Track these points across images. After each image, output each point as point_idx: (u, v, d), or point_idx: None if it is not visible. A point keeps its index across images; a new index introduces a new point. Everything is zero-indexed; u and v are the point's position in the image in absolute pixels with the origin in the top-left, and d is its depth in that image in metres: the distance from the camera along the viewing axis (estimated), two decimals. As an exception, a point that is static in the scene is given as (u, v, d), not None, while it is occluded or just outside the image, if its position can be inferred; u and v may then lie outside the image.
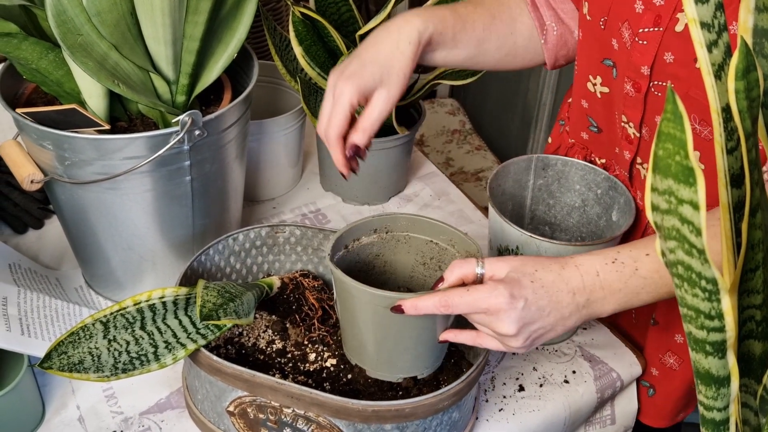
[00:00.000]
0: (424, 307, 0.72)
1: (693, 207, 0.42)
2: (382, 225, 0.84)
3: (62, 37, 0.80)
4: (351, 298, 0.76)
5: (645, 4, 0.84)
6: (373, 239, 0.85)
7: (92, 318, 0.83)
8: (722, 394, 0.51)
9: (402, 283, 0.89)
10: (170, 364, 0.80)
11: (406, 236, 0.85)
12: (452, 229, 0.83)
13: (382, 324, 0.76)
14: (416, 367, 0.81)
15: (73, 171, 0.89)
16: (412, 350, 0.79)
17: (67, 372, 0.79)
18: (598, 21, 0.91)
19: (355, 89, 0.82)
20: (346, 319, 0.80)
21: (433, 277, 0.87)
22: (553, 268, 0.74)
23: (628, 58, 0.88)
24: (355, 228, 0.82)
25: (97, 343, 0.82)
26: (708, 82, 0.48)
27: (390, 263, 0.87)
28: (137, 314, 0.84)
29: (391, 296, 0.73)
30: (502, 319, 0.71)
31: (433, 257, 0.86)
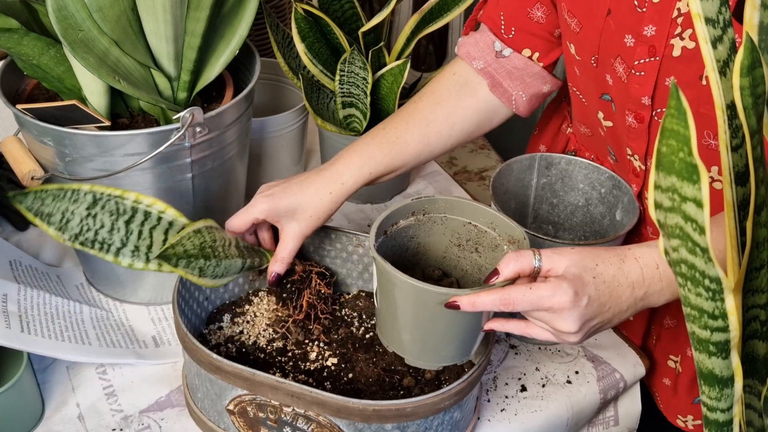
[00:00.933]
0: (482, 304, 0.70)
1: (696, 204, 0.41)
2: (420, 207, 0.83)
3: (63, 33, 0.80)
4: (397, 290, 0.74)
5: (635, 36, 0.82)
6: (411, 222, 0.83)
7: (89, 187, 0.82)
8: (726, 395, 0.50)
9: (433, 264, 0.87)
10: (123, 265, 0.79)
11: (443, 218, 0.84)
12: (494, 211, 0.81)
13: (431, 317, 0.74)
14: (459, 355, 0.79)
15: (74, 167, 0.89)
16: (458, 340, 0.77)
17: (32, 215, 0.80)
18: (588, 60, 0.89)
19: (266, 209, 0.87)
20: (389, 310, 0.77)
21: (468, 258, 0.85)
22: (613, 261, 0.72)
23: (625, 91, 0.86)
24: (394, 213, 0.81)
25: (76, 210, 0.81)
26: (713, 78, 0.48)
27: (423, 245, 0.86)
28: (130, 210, 0.82)
29: (447, 293, 0.71)
30: (564, 317, 0.69)
31: (470, 239, 0.84)
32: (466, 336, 0.77)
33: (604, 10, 0.84)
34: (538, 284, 0.70)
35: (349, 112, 1.17)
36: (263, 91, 1.29)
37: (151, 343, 0.98)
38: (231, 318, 0.93)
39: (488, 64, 0.97)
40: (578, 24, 0.88)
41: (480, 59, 0.97)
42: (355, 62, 1.11)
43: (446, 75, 0.99)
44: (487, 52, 0.98)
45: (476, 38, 0.98)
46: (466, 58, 0.98)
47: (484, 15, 1.00)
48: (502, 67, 0.97)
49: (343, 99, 1.16)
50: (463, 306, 0.70)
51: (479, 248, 0.84)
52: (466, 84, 0.98)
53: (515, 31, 0.96)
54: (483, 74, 0.97)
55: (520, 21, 0.96)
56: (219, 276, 0.83)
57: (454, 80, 0.98)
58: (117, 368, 0.94)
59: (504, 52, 0.97)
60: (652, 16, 0.80)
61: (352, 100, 1.15)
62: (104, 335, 0.96)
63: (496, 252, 0.82)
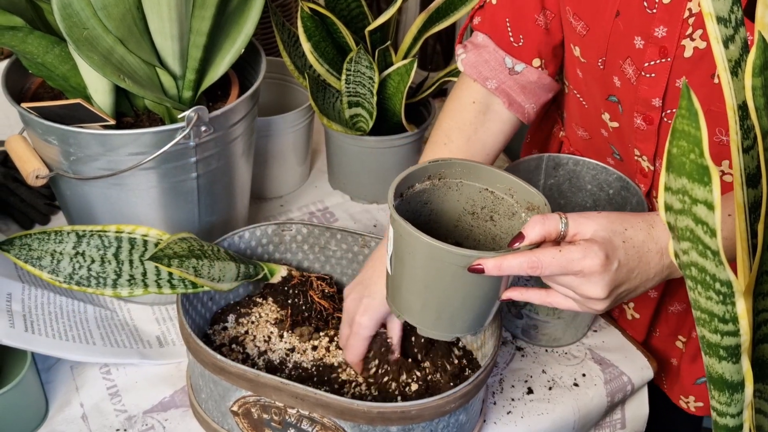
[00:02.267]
0: (509, 268, 0.66)
1: (707, 207, 0.41)
2: (436, 171, 0.79)
3: (68, 31, 0.79)
4: (416, 253, 0.70)
5: (645, 38, 0.81)
6: (426, 186, 0.79)
7: (70, 227, 0.84)
8: (736, 400, 0.50)
9: (445, 232, 0.83)
10: (124, 296, 0.81)
11: (459, 183, 0.80)
12: (513, 177, 0.77)
13: (451, 282, 0.71)
14: (474, 326, 0.76)
15: (79, 166, 0.88)
16: (476, 309, 0.74)
17: (23, 262, 0.81)
18: (595, 62, 0.88)
19: (372, 323, 0.84)
20: (406, 274, 0.74)
21: (482, 227, 0.82)
22: (642, 226, 0.70)
23: (634, 93, 0.85)
24: (410, 175, 0.77)
25: (64, 250, 0.83)
26: (724, 78, 0.47)
27: (436, 212, 0.82)
28: (115, 241, 0.84)
29: (472, 255, 0.67)
30: (594, 282, 0.67)
31: (485, 206, 0.80)
32: (484, 305, 0.74)
33: (612, 12, 0.83)
34: (567, 246, 0.67)
35: (356, 111, 1.17)
36: (269, 91, 1.29)
37: (155, 343, 0.97)
38: (236, 319, 0.93)
39: (502, 82, 0.93)
40: (585, 27, 0.86)
41: (493, 78, 0.93)
42: (361, 61, 1.10)
43: (466, 105, 0.94)
44: (500, 70, 0.93)
45: (485, 56, 0.94)
46: (479, 79, 0.93)
47: (484, 23, 0.95)
48: (516, 84, 0.94)
49: (349, 98, 1.15)
50: (488, 269, 0.67)
51: (494, 216, 0.80)
52: (488, 110, 0.94)
53: (524, 39, 0.92)
54: (498, 93, 0.93)
55: (528, 28, 0.92)
56: (217, 279, 0.83)
57: (477, 109, 0.94)
58: (121, 368, 0.94)
59: (516, 68, 0.93)
60: (662, 17, 0.79)
61: (358, 99, 1.15)
62: (108, 335, 0.95)
63: (512, 220, 0.79)
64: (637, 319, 1.04)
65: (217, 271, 0.84)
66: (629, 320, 1.05)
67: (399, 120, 1.15)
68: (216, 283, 0.83)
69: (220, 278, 0.84)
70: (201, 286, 0.83)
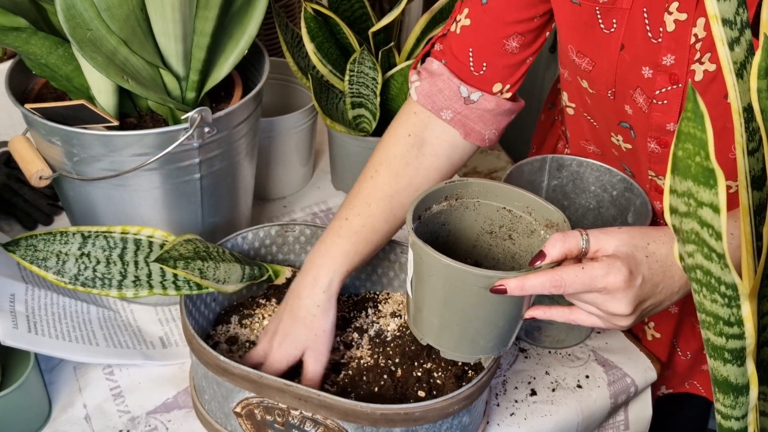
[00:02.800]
0: (531, 287, 0.66)
1: (713, 210, 0.40)
2: (453, 192, 0.79)
3: (71, 32, 0.79)
4: (437, 275, 0.70)
5: (653, 67, 0.80)
6: (443, 207, 0.79)
7: (75, 228, 0.84)
8: (741, 403, 0.49)
9: (464, 252, 0.83)
10: (129, 297, 0.81)
11: (476, 203, 0.80)
12: (531, 195, 0.77)
13: (473, 303, 0.70)
14: (497, 347, 0.75)
15: (82, 167, 0.88)
16: (499, 329, 0.73)
17: (28, 263, 0.81)
18: (605, 93, 0.86)
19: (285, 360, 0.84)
20: (426, 299, 0.74)
21: (500, 246, 0.81)
22: (665, 239, 0.68)
23: (647, 120, 0.84)
24: (427, 197, 0.77)
25: (69, 251, 0.83)
26: (729, 80, 0.47)
27: (454, 232, 0.82)
28: (120, 242, 0.84)
29: (494, 275, 0.67)
30: (618, 298, 0.66)
31: (503, 225, 0.80)
32: (506, 325, 0.73)
33: (616, 46, 0.81)
34: (590, 263, 0.66)
35: (359, 112, 1.17)
36: (272, 91, 1.29)
37: (158, 344, 0.97)
38: (239, 319, 0.93)
39: (457, 113, 0.89)
40: (590, 62, 0.85)
41: (448, 109, 0.88)
42: (364, 62, 1.10)
43: (400, 138, 0.89)
44: (454, 100, 0.88)
45: (439, 85, 0.88)
46: (434, 110, 0.89)
47: (445, 51, 0.90)
48: (473, 113, 0.89)
49: (352, 99, 1.15)
50: (511, 289, 0.66)
51: (513, 235, 0.80)
52: (424, 144, 0.89)
53: (486, 67, 0.88)
54: (454, 124, 0.89)
55: (493, 55, 0.87)
56: (222, 280, 0.83)
57: (410, 142, 0.89)
58: (124, 369, 0.94)
59: (472, 97, 0.88)
60: (669, 46, 0.78)
61: (361, 100, 1.15)
62: (112, 336, 0.95)
63: (531, 238, 0.79)
64: (658, 339, 1.03)
65: (222, 273, 0.84)
66: (650, 341, 1.04)
67: (402, 121, 1.15)
68: (221, 285, 0.83)
69: (225, 280, 0.84)
70: (206, 287, 0.83)
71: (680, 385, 1.07)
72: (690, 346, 1.02)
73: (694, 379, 1.06)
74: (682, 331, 1.02)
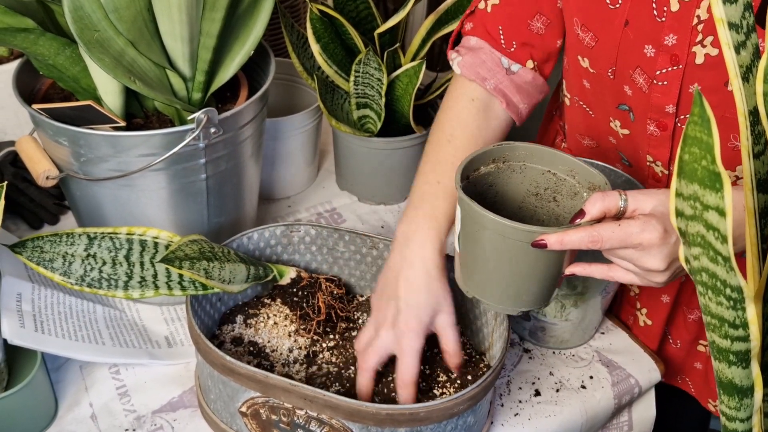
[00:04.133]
0: (570, 242, 0.70)
1: (719, 213, 0.41)
2: (500, 155, 0.83)
3: (79, 33, 0.80)
4: (483, 230, 0.74)
5: (656, 47, 0.81)
6: (491, 169, 0.83)
7: (81, 230, 0.85)
8: (745, 405, 0.50)
9: (510, 214, 0.85)
10: (135, 297, 0.82)
11: (522, 166, 0.83)
12: (574, 159, 0.81)
13: (516, 258, 0.74)
14: (539, 300, 0.79)
15: (89, 167, 0.89)
16: (540, 283, 0.77)
17: (35, 264, 0.82)
18: (605, 72, 0.88)
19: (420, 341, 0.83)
20: (473, 252, 0.78)
21: (545, 208, 0.85)
22: None
23: (647, 101, 0.85)
24: (476, 158, 0.81)
25: (75, 252, 0.83)
26: (735, 84, 0.47)
27: (500, 194, 0.85)
28: (126, 243, 0.85)
29: (534, 230, 0.71)
30: (653, 254, 0.69)
31: (548, 188, 0.84)
32: (548, 280, 0.77)
33: (621, 22, 0.83)
34: (627, 221, 0.69)
35: (364, 113, 1.17)
36: (278, 92, 1.29)
37: (164, 343, 0.98)
38: (244, 319, 0.93)
39: (499, 82, 0.93)
40: (593, 38, 0.86)
41: (491, 79, 0.92)
42: (370, 63, 1.10)
43: (465, 103, 0.93)
44: (497, 70, 0.93)
45: (482, 57, 0.93)
46: (478, 80, 0.92)
47: (477, 28, 0.94)
48: (512, 84, 0.93)
49: (357, 100, 1.15)
50: (550, 244, 0.70)
51: (557, 197, 0.84)
52: (488, 108, 0.93)
53: (516, 45, 0.92)
54: (496, 93, 0.92)
55: (521, 33, 0.92)
56: (227, 280, 0.84)
57: (477, 107, 0.92)
58: (130, 368, 0.94)
59: (513, 68, 0.93)
60: (672, 25, 0.79)
61: (366, 101, 1.15)
62: (117, 335, 0.96)
63: (575, 200, 0.82)
64: (649, 326, 1.03)
65: (227, 273, 0.84)
66: (641, 327, 1.05)
67: (407, 121, 1.15)
68: (226, 285, 0.84)
69: (230, 280, 0.85)
70: (211, 287, 0.83)
71: (673, 377, 1.07)
72: (681, 335, 1.03)
73: (687, 375, 1.06)
74: (675, 321, 1.02)
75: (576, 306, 0.93)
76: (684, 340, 1.03)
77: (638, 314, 1.04)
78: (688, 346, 1.03)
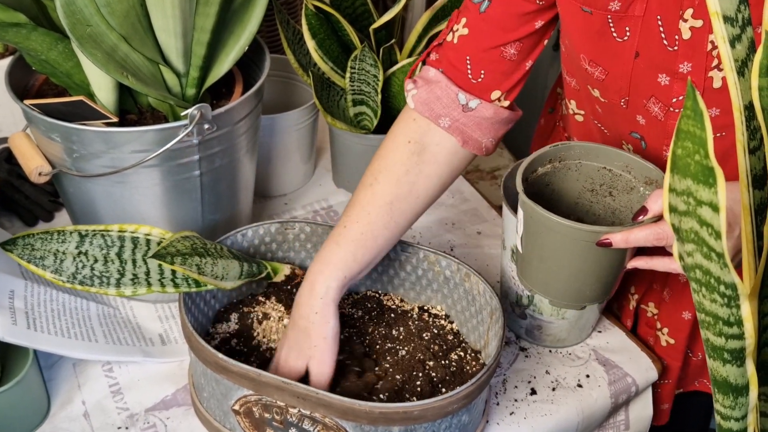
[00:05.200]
0: (636, 240, 0.71)
1: (712, 209, 0.40)
2: (556, 155, 0.86)
3: (71, 28, 0.79)
4: (547, 231, 0.77)
5: (670, 75, 0.79)
6: (547, 169, 0.86)
7: (73, 227, 0.85)
8: (740, 404, 0.49)
9: (566, 210, 0.89)
10: (127, 295, 0.82)
11: (578, 164, 0.86)
12: (629, 154, 0.83)
13: (580, 256, 0.77)
14: (601, 295, 0.82)
15: (82, 164, 0.88)
16: (603, 279, 0.80)
17: (26, 262, 0.82)
18: (617, 102, 0.86)
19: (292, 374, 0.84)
20: (536, 251, 0.80)
21: (601, 203, 0.87)
22: None
23: (662, 129, 0.84)
24: (534, 161, 0.84)
25: (67, 250, 0.83)
26: (730, 78, 0.46)
27: (557, 192, 0.88)
28: (118, 240, 0.85)
29: (599, 230, 0.74)
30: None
31: (604, 183, 0.86)
32: (610, 276, 0.80)
33: (631, 54, 0.80)
34: None
35: (360, 109, 1.16)
36: (273, 89, 1.28)
37: (157, 341, 0.97)
38: (238, 317, 0.93)
39: (455, 120, 0.87)
40: (603, 71, 0.84)
41: (446, 116, 0.87)
42: (366, 59, 1.10)
43: (400, 145, 0.88)
44: (453, 107, 0.87)
45: (437, 93, 0.87)
46: (431, 117, 0.87)
47: (442, 60, 0.89)
48: (471, 120, 0.88)
49: (353, 97, 1.15)
50: (616, 243, 0.71)
51: (613, 192, 0.86)
52: (424, 151, 0.87)
53: (485, 74, 0.86)
54: (452, 132, 0.87)
55: (491, 62, 0.86)
56: (220, 277, 0.83)
57: (410, 149, 0.87)
58: (123, 366, 0.94)
59: (470, 104, 0.87)
60: (686, 53, 0.77)
61: (362, 97, 1.14)
62: (111, 332, 0.95)
63: (631, 194, 0.84)
64: (672, 345, 1.01)
65: (220, 269, 0.84)
66: (664, 347, 1.02)
67: (404, 118, 1.15)
68: (219, 282, 0.83)
69: (223, 276, 0.84)
70: (204, 284, 0.83)
71: (690, 383, 1.06)
72: (701, 347, 1.02)
73: (704, 377, 1.05)
74: (696, 336, 1.01)
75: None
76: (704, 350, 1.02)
77: (659, 334, 1.02)
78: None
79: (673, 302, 0.97)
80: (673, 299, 0.97)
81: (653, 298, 1.01)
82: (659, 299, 1.00)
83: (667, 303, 0.98)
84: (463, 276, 0.91)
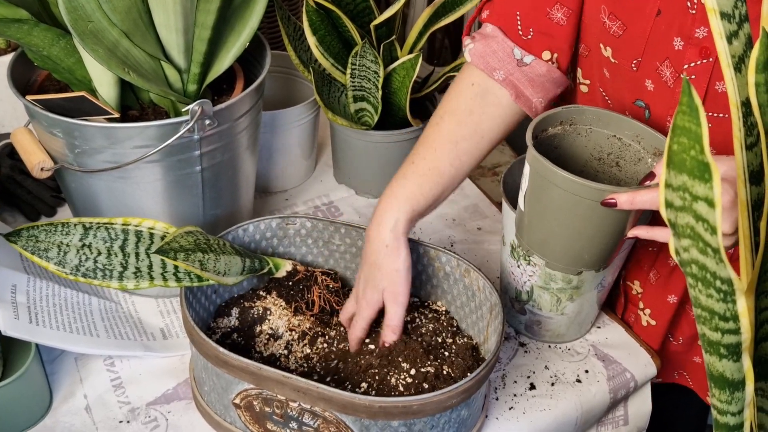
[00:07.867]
0: (642, 202, 0.70)
1: (708, 204, 0.40)
2: (568, 117, 0.84)
3: (73, 24, 0.79)
4: (552, 187, 0.75)
5: (685, 39, 0.79)
6: (557, 130, 0.85)
7: (77, 220, 0.85)
8: (737, 398, 0.49)
9: None
10: (130, 288, 0.83)
11: (588, 129, 0.85)
12: (641, 124, 0.82)
13: (582, 216, 0.76)
14: (599, 262, 0.81)
15: (83, 159, 0.89)
16: (603, 244, 0.79)
17: (29, 253, 0.82)
18: (629, 64, 0.86)
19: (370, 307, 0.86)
20: (538, 209, 0.79)
21: (607, 173, 0.86)
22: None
23: (671, 96, 0.84)
24: (545, 119, 0.83)
25: (71, 242, 0.84)
26: (727, 74, 0.47)
27: (564, 156, 0.87)
28: (121, 234, 0.85)
29: (605, 189, 0.72)
30: (724, 218, 0.68)
31: (612, 152, 0.85)
32: (611, 241, 0.78)
33: (653, 11, 0.80)
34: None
35: (361, 106, 1.17)
36: (274, 85, 1.29)
37: (159, 335, 0.98)
38: (239, 312, 0.93)
39: (509, 74, 0.90)
40: (621, 26, 0.84)
41: (500, 69, 0.90)
42: (366, 56, 1.10)
43: (464, 87, 0.92)
44: (508, 61, 0.90)
45: (493, 46, 0.90)
46: (486, 70, 0.90)
47: (493, 15, 0.92)
48: (525, 76, 0.90)
49: (354, 93, 1.15)
50: (621, 203, 0.71)
51: (620, 162, 0.85)
52: (488, 92, 0.90)
53: (533, 33, 0.89)
54: (505, 85, 0.90)
55: (539, 21, 0.89)
56: (222, 272, 0.84)
57: (474, 91, 0.91)
58: (125, 360, 0.94)
59: (525, 60, 0.90)
60: (703, 18, 0.77)
61: (363, 93, 1.15)
62: (113, 327, 0.96)
63: (638, 165, 0.83)
64: (652, 326, 1.02)
65: (222, 265, 0.84)
66: (644, 326, 1.03)
67: (404, 114, 1.15)
68: (221, 277, 0.84)
69: (225, 272, 0.84)
70: (206, 279, 0.83)
71: (670, 374, 1.07)
72: (683, 332, 1.02)
73: (685, 369, 1.05)
74: (678, 319, 1.02)
75: (572, 300, 0.93)
76: (685, 336, 1.02)
77: (641, 314, 1.03)
78: (689, 341, 1.02)
79: (660, 285, 0.98)
80: (660, 282, 0.98)
81: (639, 276, 1.01)
82: (645, 279, 1.00)
83: (653, 285, 0.99)
84: (463, 272, 0.91)
